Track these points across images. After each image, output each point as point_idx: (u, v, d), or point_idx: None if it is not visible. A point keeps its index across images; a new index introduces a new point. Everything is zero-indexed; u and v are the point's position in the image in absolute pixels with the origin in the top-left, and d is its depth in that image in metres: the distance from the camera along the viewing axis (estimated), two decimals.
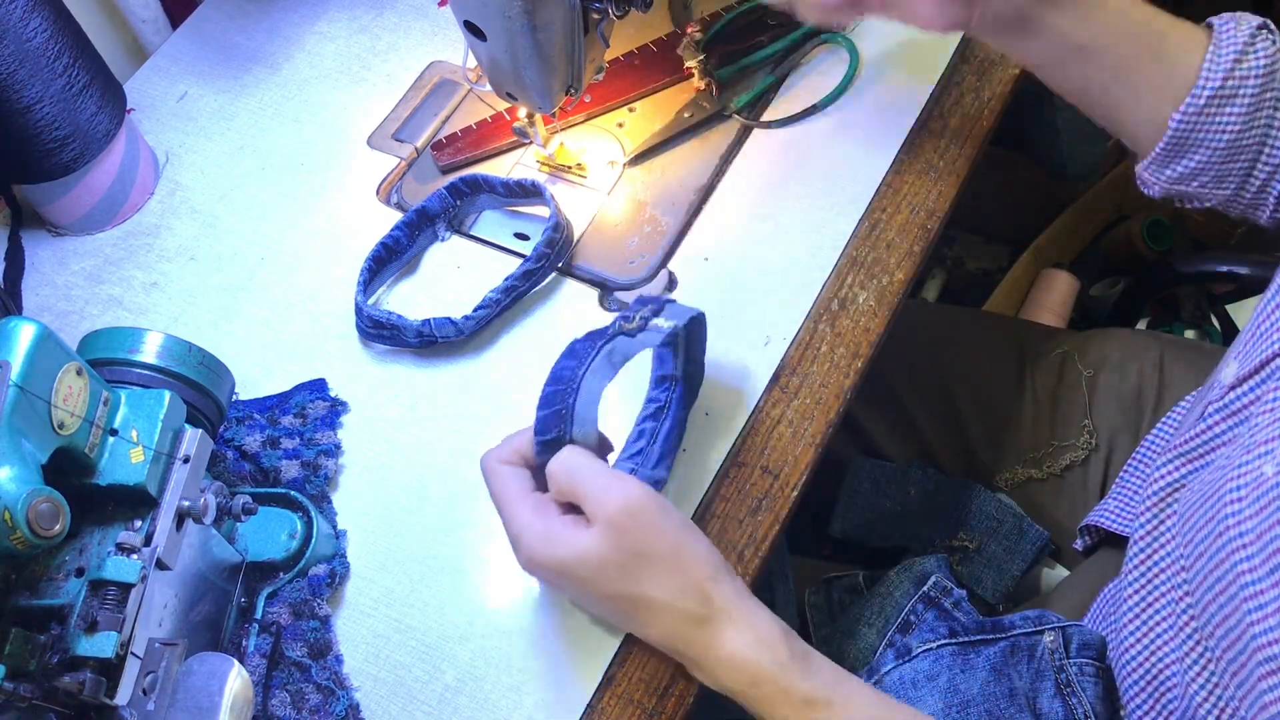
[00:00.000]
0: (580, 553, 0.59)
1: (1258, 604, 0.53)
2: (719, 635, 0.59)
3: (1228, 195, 0.74)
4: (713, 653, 0.59)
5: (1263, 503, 0.53)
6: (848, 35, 0.89)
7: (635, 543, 0.58)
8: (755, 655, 0.58)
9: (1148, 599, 0.66)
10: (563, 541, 0.59)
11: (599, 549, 0.58)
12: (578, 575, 0.59)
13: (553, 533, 0.59)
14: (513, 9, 0.67)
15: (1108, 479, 0.90)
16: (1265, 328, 0.63)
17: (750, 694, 0.58)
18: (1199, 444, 0.66)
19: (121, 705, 0.52)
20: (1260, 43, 0.68)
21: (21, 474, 0.49)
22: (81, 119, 0.78)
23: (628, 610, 0.60)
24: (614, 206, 0.84)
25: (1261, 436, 0.56)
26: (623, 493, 0.59)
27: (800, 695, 0.58)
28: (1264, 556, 0.52)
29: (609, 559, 0.58)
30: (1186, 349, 0.97)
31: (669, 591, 0.59)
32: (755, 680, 0.58)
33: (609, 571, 0.59)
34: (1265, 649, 0.52)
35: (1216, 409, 0.65)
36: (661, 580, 0.59)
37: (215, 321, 0.80)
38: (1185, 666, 0.61)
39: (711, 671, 0.60)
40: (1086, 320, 1.54)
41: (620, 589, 0.59)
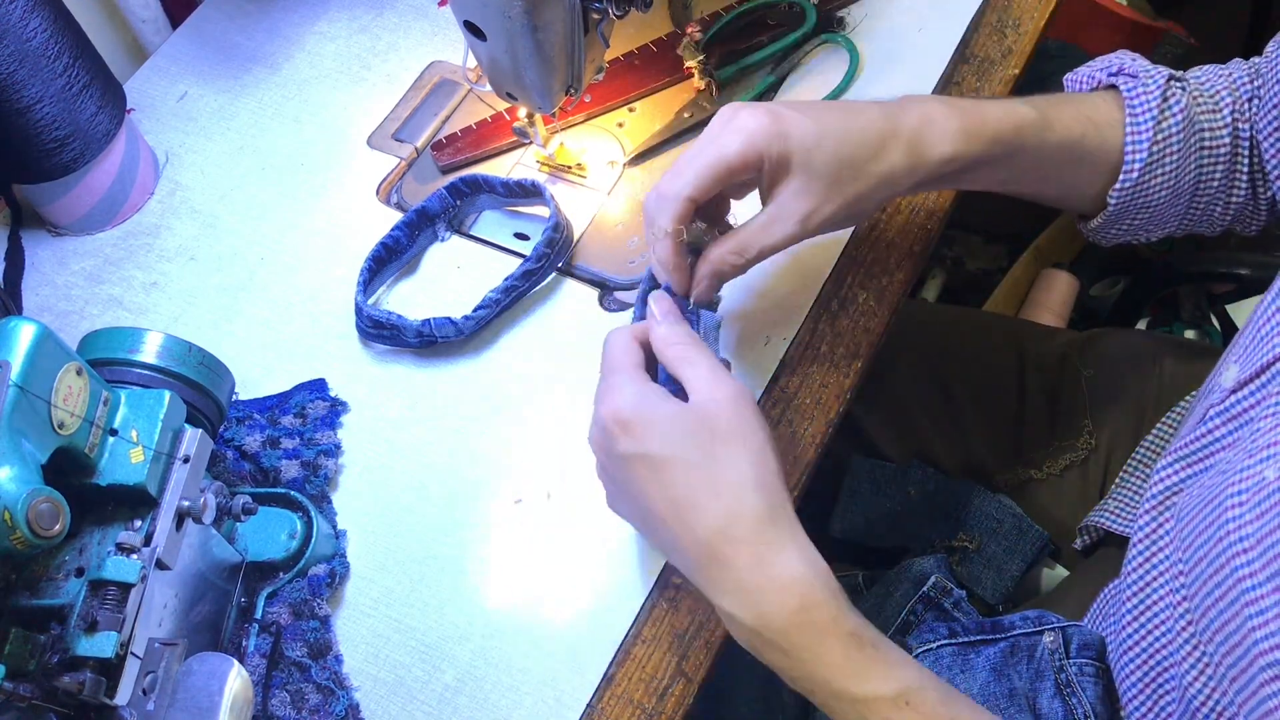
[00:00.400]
0: (673, 413, 0.58)
1: (1258, 609, 0.52)
2: (776, 545, 0.56)
3: (1171, 229, 0.76)
4: (765, 566, 0.56)
5: (1264, 507, 0.53)
6: (848, 35, 0.89)
7: (734, 424, 0.57)
8: (811, 576, 0.55)
9: (1146, 601, 0.66)
10: (658, 402, 0.58)
11: (695, 416, 0.57)
12: (657, 434, 0.57)
13: (649, 393, 0.59)
14: (513, 9, 0.67)
15: (1108, 479, 0.90)
16: (1266, 331, 0.63)
17: (794, 621, 0.55)
18: (1199, 447, 0.66)
19: (121, 705, 0.52)
20: (1172, 98, 0.69)
21: (21, 474, 0.49)
22: (81, 119, 0.78)
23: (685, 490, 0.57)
24: (614, 206, 0.84)
25: (1263, 441, 0.56)
26: (731, 383, 0.59)
27: (848, 628, 0.55)
28: (1265, 561, 0.52)
29: (700, 427, 0.57)
30: (1186, 349, 0.97)
31: (745, 479, 0.57)
32: (805, 605, 0.55)
33: (695, 437, 0.57)
34: (1267, 654, 0.52)
35: (1217, 412, 0.65)
36: (742, 467, 0.57)
37: (215, 321, 0.80)
38: (1183, 670, 0.61)
39: (756, 591, 0.55)
40: (1086, 320, 1.54)
41: (695, 457, 0.57)
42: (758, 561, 0.56)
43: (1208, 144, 0.71)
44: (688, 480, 0.57)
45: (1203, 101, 0.71)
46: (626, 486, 0.60)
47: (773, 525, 0.56)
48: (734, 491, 0.56)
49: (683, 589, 0.67)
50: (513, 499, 0.71)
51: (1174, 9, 1.62)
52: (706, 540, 0.56)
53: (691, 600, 0.67)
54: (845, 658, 0.55)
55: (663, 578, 0.68)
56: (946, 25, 0.89)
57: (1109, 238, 0.75)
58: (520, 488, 0.72)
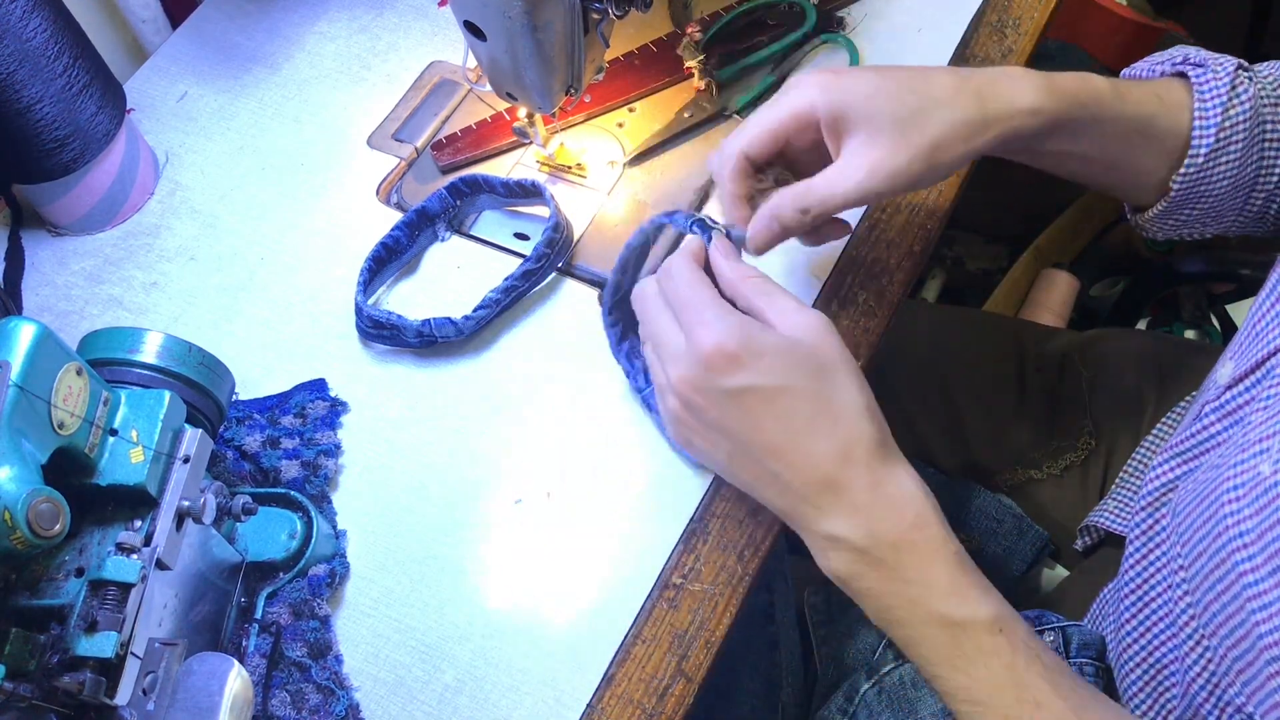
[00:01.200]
0: (780, 340, 0.57)
1: (1262, 604, 0.53)
2: (893, 467, 0.57)
3: (1226, 225, 0.74)
4: (883, 485, 0.56)
5: (1261, 502, 0.53)
6: (848, 35, 0.89)
7: (834, 351, 0.57)
8: (923, 495, 0.56)
9: (1145, 598, 0.66)
10: (763, 330, 0.57)
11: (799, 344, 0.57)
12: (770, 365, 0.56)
13: (750, 323, 0.58)
14: (513, 9, 0.67)
15: (1107, 479, 0.90)
16: (1261, 328, 0.63)
17: (907, 538, 0.55)
18: (1195, 444, 0.66)
19: (121, 705, 0.52)
20: (1240, 87, 0.68)
21: (21, 474, 0.49)
22: (81, 119, 0.78)
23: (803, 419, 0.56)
24: (614, 206, 0.84)
25: (1256, 435, 0.56)
26: (817, 312, 0.59)
27: (954, 548, 0.56)
28: (1265, 556, 0.52)
29: (809, 355, 0.57)
30: (1186, 349, 0.97)
31: (859, 405, 0.57)
32: (919, 522, 0.56)
33: (807, 364, 0.57)
34: (1272, 648, 0.52)
35: (1212, 409, 0.65)
36: (853, 392, 0.57)
37: (215, 321, 0.80)
38: (1186, 665, 0.61)
39: (872, 509, 0.56)
40: (1086, 320, 1.54)
41: (810, 386, 0.56)
42: (876, 482, 0.56)
43: (1270, 136, 0.69)
44: (805, 409, 0.57)
45: (1268, 95, 0.69)
46: (730, 423, 0.59)
47: (885, 446, 0.58)
48: (850, 416, 0.57)
49: (683, 589, 0.67)
50: (513, 499, 0.71)
51: (1174, 9, 1.62)
52: (825, 467, 0.57)
53: (691, 600, 0.67)
54: (950, 578, 0.56)
55: (662, 578, 0.68)
56: (946, 25, 0.89)
57: (1165, 229, 0.74)
58: (520, 488, 0.72)
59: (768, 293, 0.60)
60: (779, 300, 0.60)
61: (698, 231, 0.65)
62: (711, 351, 0.57)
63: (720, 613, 0.66)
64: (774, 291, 0.60)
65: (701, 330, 0.58)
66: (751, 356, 0.57)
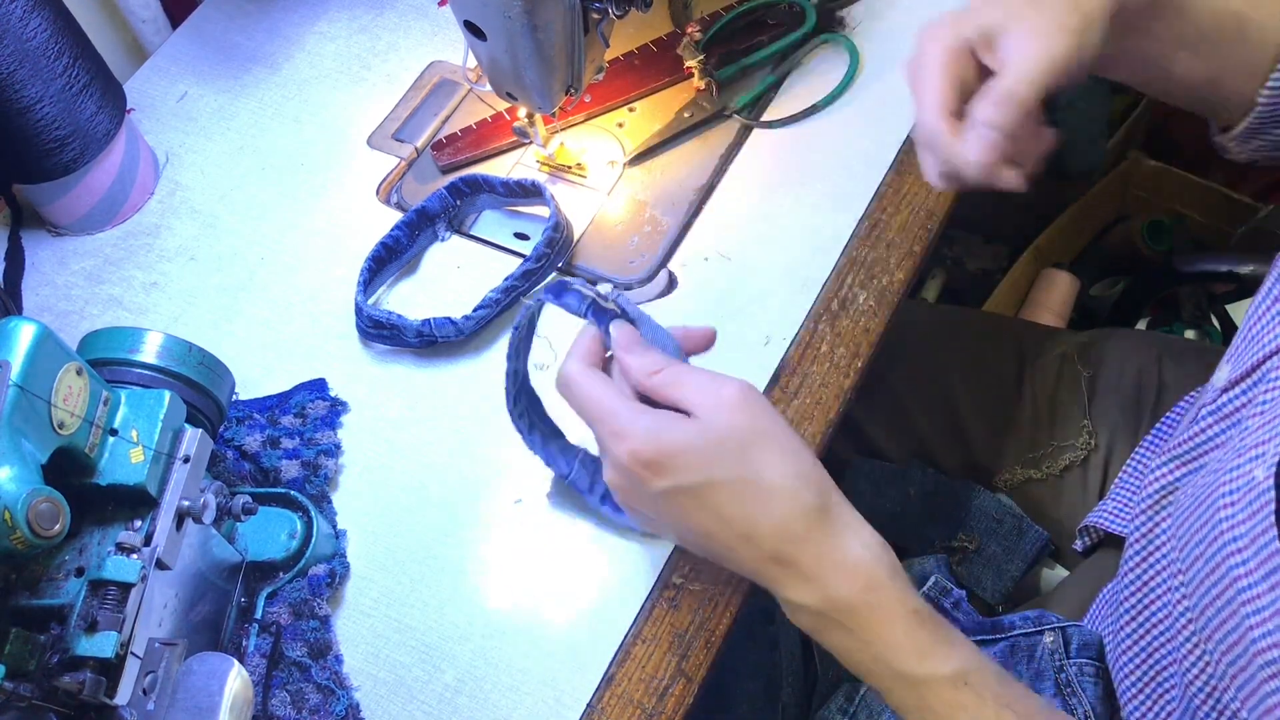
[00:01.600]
0: (694, 435, 0.56)
1: (1255, 608, 0.53)
2: (837, 533, 0.56)
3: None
4: (828, 554, 0.55)
5: (1255, 507, 0.54)
6: (848, 35, 0.89)
7: (754, 423, 0.56)
8: (872, 557, 0.55)
9: (1144, 601, 0.66)
10: (675, 428, 0.56)
11: (715, 430, 0.55)
12: (689, 463, 0.55)
13: (661, 422, 0.56)
14: (513, 9, 0.67)
15: (1107, 479, 0.90)
16: (1256, 331, 0.63)
17: (862, 601, 0.55)
18: (1192, 447, 0.66)
19: (121, 705, 0.52)
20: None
21: (21, 474, 0.49)
22: (81, 119, 0.78)
23: (735, 508, 0.56)
24: (614, 206, 0.84)
25: (1252, 440, 0.56)
26: (732, 383, 0.57)
27: (911, 606, 0.55)
28: (1258, 561, 0.52)
29: (727, 439, 0.55)
30: (1186, 349, 0.97)
31: (788, 477, 0.56)
32: (871, 585, 0.55)
33: (726, 452, 0.55)
34: (1265, 653, 0.52)
35: (1209, 412, 0.65)
36: (781, 464, 0.56)
37: (215, 321, 0.80)
38: (1184, 669, 0.61)
39: (822, 578, 0.55)
40: (1086, 320, 1.54)
41: (734, 473, 0.55)
42: (820, 553, 0.56)
43: None
44: (734, 498, 0.56)
45: None
46: (669, 519, 0.59)
47: (827, 514, 0.56)
48: (783, 493, 0.56)
49: (683, 589, 0.67)
50: (513, 499, 0.71)
51: None
52: (766, 546, 0.56)
53: (692, 600, 0.67)
54: (908, 636, 0.55)
55: (662, 578, 0.68)
56: None
57: (1249, 150, 0.71)
58: (520, 488, 0.72)
59: (678, 383, 0.58)
60: (692, 385, 0.58)
61: (592, 319, 0.62)
62: (629, 462, 0.57)
63: (720, 613, 0.66)
64: (684, 379, 0.58)
65: (614, 442, 0.57)
66: (668, 458, 0.56)
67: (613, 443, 0.57)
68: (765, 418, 0.57)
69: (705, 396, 0.57)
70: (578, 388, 0.60)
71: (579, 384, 0.60)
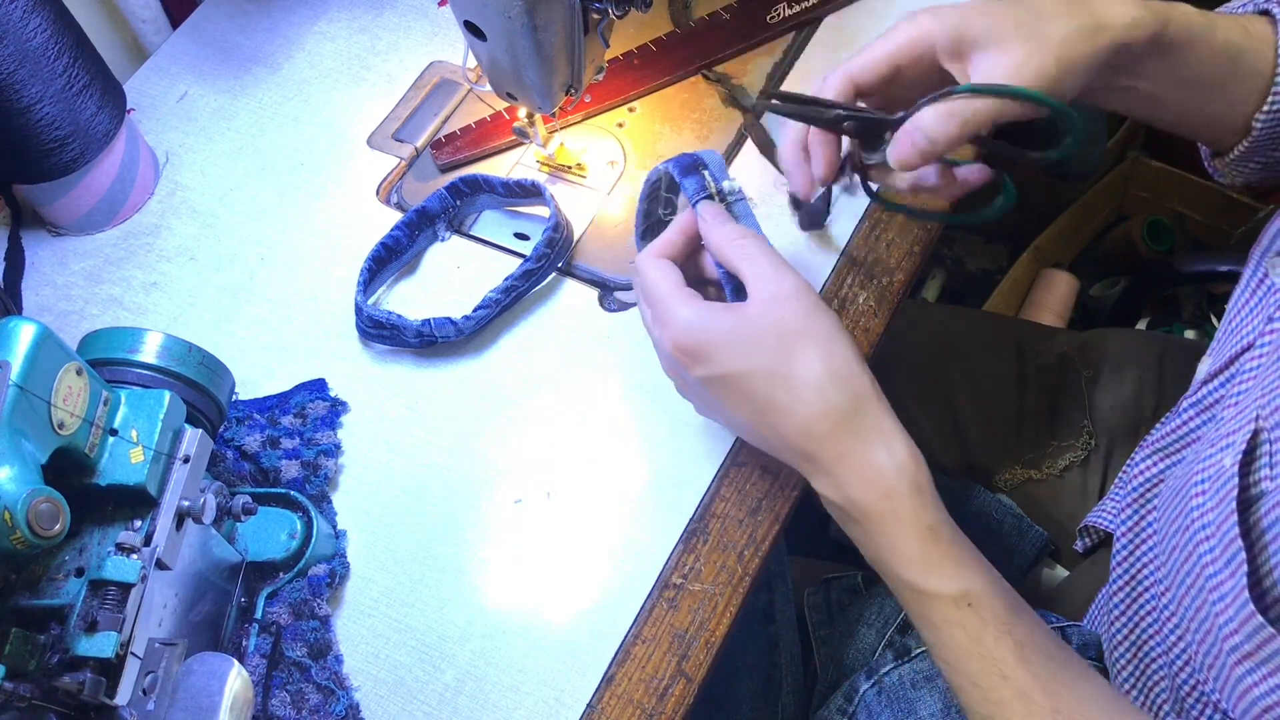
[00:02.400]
0: (732, 326, 0.58)
1: (1219, 595, 0.53)
2: (862, 438, 0.57)
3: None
4: (849, 457, 0.57)
5: (1221, 494, 0.54)
6: None
7: (800, 320, 0.57)
8: (894, 468, 0.56)
9: (1133, 594, 0.66)
10: (714, 319, 0.58)
11: (757, 322, 0.57)
12: (724, 353, 0.57)
13: (702, 313, 0.58)
14: (513, 9, 0.67)
15: (1107, 479, 0.91)
16: (1235, 324, 0.63)
17: (877, 508, 0.56)
18: (1174, 439, 0.67)
19: (121, 705, 0.51)
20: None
21: (21, 474, 0.49)
22: (81, 119, 0.78)
23: (764, 398, 0.58)
24: (614, 206, 0.84)
25: (1225, 430, 0.57)
26: (791, 277, 0.58)
27: (927, 522, 0.56)
28: (1222, 547, 0.53)
29: (765, 331, 0.57)
30: (1186, 349, 0.97)
31: (821, 375, 0.57)
32: (888, 494, 0.56)
33: (763, 344, 0.57)
34: (1230, 638, 0.52)
35: (1190, 404, 0.66)
36: (816, 362, 0.57)
37: (215, 321, 0.80)
38: (1170, 659, 0.61)
39: (840, 478, 0.57)
40: (1086, 320, 1.54)
41: (769, 365, 0.57)
42: (842, 454, 0.57)
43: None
44: (765, 389, 0.58)
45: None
46: (710, 403, 0.62)
47: (855, 417, 0.57)
48: (812, 389, 0.57)
49: (683, 589, 0.67)
50: (513, 499, 0.71)
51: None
52: (793, 440, 0.58)
53: (691, 600, 0.67)
54: (919, 550, 0.56)
55: (662, 578, 0.68)
56: None
57: (1244, 173, 0.72)
58: (520, 488, 0.72)
59: (748, 258, 0.60)
60: (759, 266, 0.60)
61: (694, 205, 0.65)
62: (672, 350, 0.60)
63: (720, 613, 0.66)
64: (755, 256, 0.60)
65: (659, 330, 0.61)
66: (705, 348, 0.58)
67: (658, 330, 0.60)
68: (814, 316, 0.58)
69: (764, 283, 0.59)
70: (642, 274, 0.62)
71: (643, 270, 0.63)
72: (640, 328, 0.77)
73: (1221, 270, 1.21)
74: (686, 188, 0.66)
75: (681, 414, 0.73)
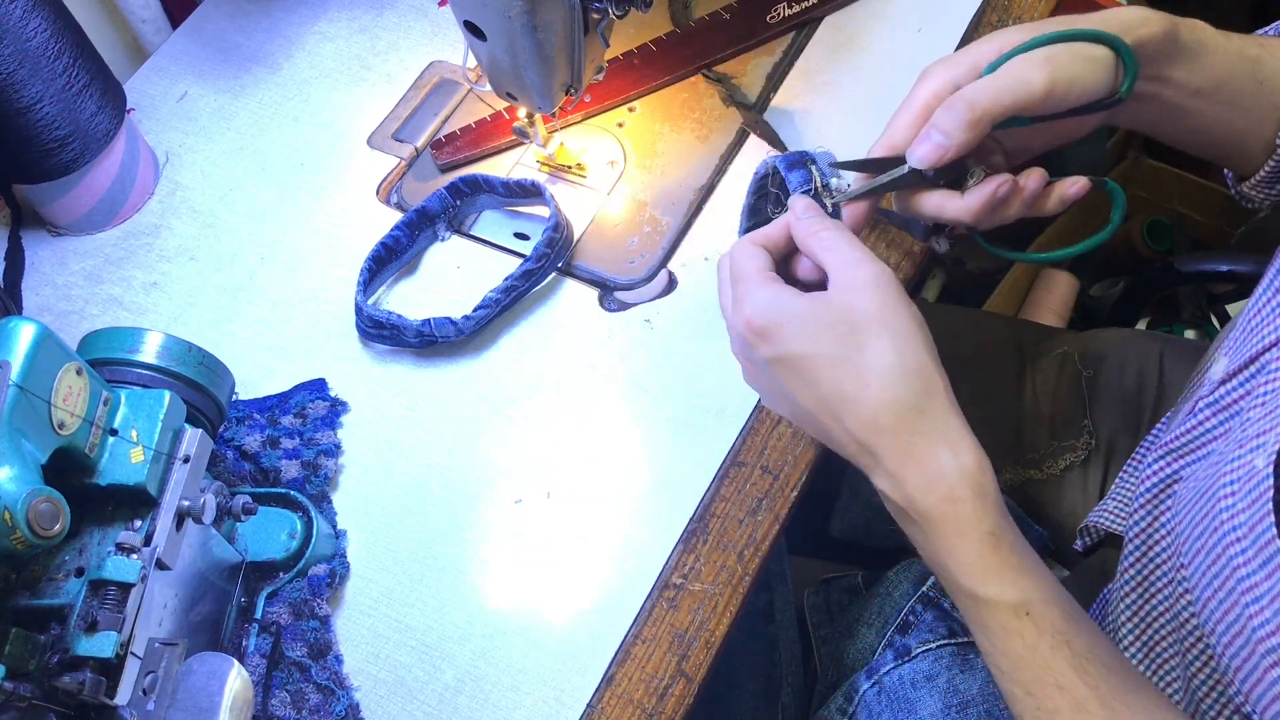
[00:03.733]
0: (805, 309, 0.57)
1: (1254, 597, 0.53)
2: (927, 436, 0.56)
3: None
4: (912, 455, 0.56)
5: (1254, 495, 0.54)
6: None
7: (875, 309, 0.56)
8: (958, 470, 0.55)
9: (1144, 596, 0.66)
10: (788, 301, 0.57)
11: (831, 308, 0.57)
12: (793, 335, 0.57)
13: (778, 295, 0.58)
14: (513, 9, 0.67)
15: (1107, 479, 0.90)
16: (1256, 323, 0.63)
17: (938, 511, 0.55)
18: (1189, 440, 0.66)
19: (121, 705, 0.52)
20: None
21: (21, 474, 0.49)
22: (81, 119, 0.78)
23: (830, 385, 0.57)
24: (614, 206, 0.84)
25: (1253, 430, 0.56)
26: (872, 266, 0.57)
27: (988, 527, 0.55)
28: (1256, 549, 0.53)
29: (838, 318, 0.56)
30: (1186, 349, 0.97)
31: (891, 368, 0.56)
32: (950, 497, 0.55)
33: (834, 330, 0.56)
34: (1266, 640, 0.52)
35: (1206, 404, 0.65)
36: (887, 354, 0.56)
37: (215, 321, 0.80)
38: (1187, 661, 0.61)
39: (901, 477, 0.56)
40: (1086, 320, 1.54)
41: (838, 351, 0.56)
42: (906, 452, 0.56)
43: None
44: (832, 375, 0.57)
45: None
46: (775, 388, 0.61)
47: (922, 414, 0.56)
48: (880, 381, 0.56)
49: (683, 589, 0.67)
50: (513, 499, 0.71)
51: (1174, 9, 1.62)
52: (856, 432, 0.57)
53: (691, 600, 0.67)
54: (978, 556, 0.55)
55: (662, 578, 0.68)
56: (946, 25, 0.89)
57: (1271, 196, 0.71)
58: (520, 488, 0.72)
59: (829, 247, 0.60)
60: (839, 255, 0.59)
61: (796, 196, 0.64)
62: (744, 327, 0.59)
63: (720, 613, 0.66)
64: (836, 245, 0.59)
65: (734, 310, 0.60)
66: (777, 327, 0.58)
67: (733, 310, 0.60)
68: (891, 306, 0.57)
69: (843, 271, 0.58)
70: (732, 255, 0.62)
71: (734, 252, 0.62)
72: (640, 328, 0.77)
73: (1221, 270, 1.21)
74: (791, 181, 0.64)
75: (681, 414, 0.73)
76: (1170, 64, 0.64)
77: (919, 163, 0.61)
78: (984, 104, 0.58)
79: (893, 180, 0.63)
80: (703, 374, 0.75)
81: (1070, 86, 0.59)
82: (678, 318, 0.78)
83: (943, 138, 0.59)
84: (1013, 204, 0.64)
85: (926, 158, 0.60)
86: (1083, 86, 0.59)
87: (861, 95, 0.87)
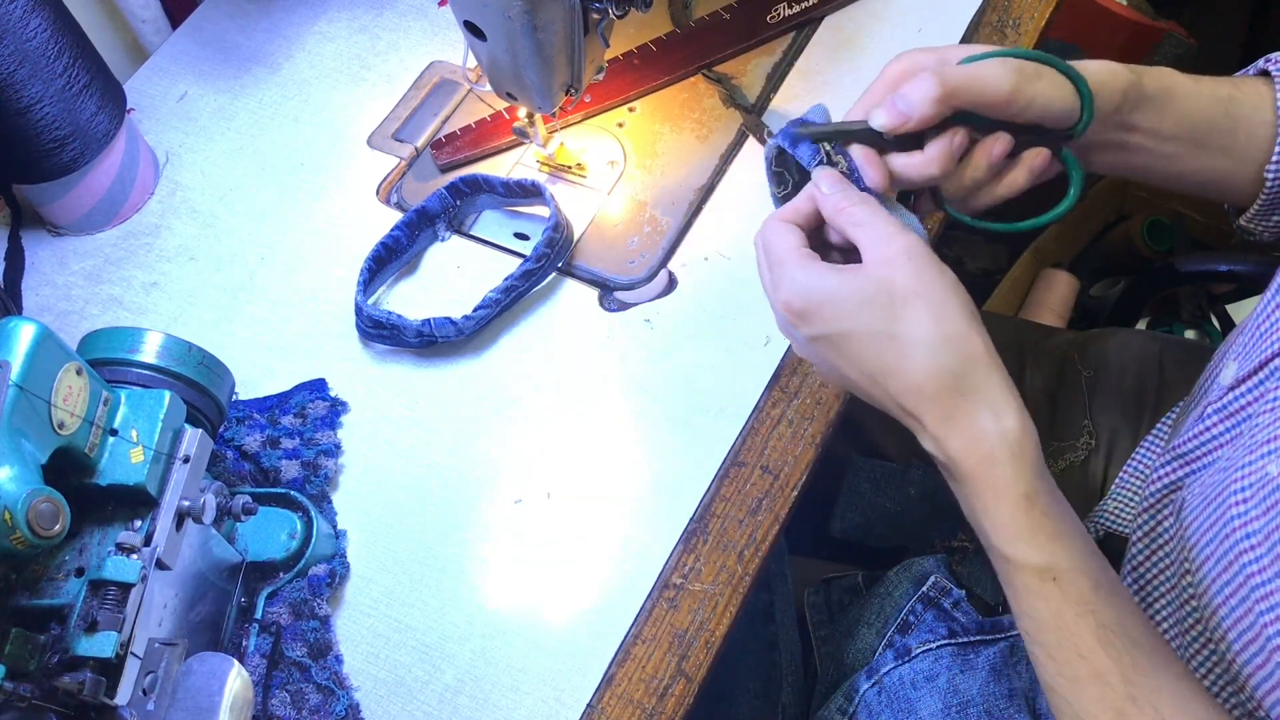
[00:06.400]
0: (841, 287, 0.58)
1: (1269, 604, 0.52)
2: (968, 400, 0.56)
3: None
4: (953, 418, 0.57)
5: (1269, 502, 0.53)
6: None
7: (911, 281, 0.57)
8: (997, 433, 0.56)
9: (1146, 599, 0.66)
10: (824, 281, 0.58)
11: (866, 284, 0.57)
12: (832, 314, 0.58)
13: (813, 275, 0.59)
14: (513, 9, 0.67)
15: (1108, 479, 0.90)
16: (1265, 328, 0.63)
17: (975, 472, 0.56)
18: (1197, 445, 0.66)
19: (121, 705, 0.52)
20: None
21: (21, 474, 0.49)
22: (81, 119, 0.78)
23: (870, 359, 0.58)
24: (614, 206, 0.84)
25: (1264, 436, 0.56)
26: (904, 238, 0.58)
27: (1024, 490, 0.55)
28: (1272, 556, 0.52)
29: (874, 293, 0.57)
30: (1186, 349, 0.97)
31: (931, 336, 0.56)
32: (988, 459, 0.56)
33: (872, 305, 0.57)
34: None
35: (1215, 409, 0.65)
36: (926, 323, 0.56)
37: (215, 321, 0.80)
38: (1192, 667, 0.61)
39: (943, 438, 0.57)
40: (1086, 320, 1.54)
41: (876, 326, 0.57)
42: (946, 416, 0.57)
43: None
44: (873, 349, 0.58)
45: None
46: (822, 361, 0.62)
47: (963, 379, 0.57)
48: (922, 349, 0.57)
49: (683, 589, 0.67)
50: (513, 499, 0.71)
51: (1174, 9, 1.62)
52: (900, 399, 0.58)
53: (691, 600, 0.67)
54: (1010, 517, 0.56)
55: (662, 578, 0.68)
56: (946, 25, 0.89)
57: (1271, 227, 0.72)
58: (520, 488, 0.72)
59: (858, 223, 0.60)
60: (870, 231, 0.59)
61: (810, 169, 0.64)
62: (783, 309, 0.60)
63: (720, 613, 0.67)
64: (866, 220, 0.60)
65: (773, 292, 0.61)
66: (814, 309, 0.59)
67: (772, 292, 0.61)
68: (926, 277, 0.58)
69: (875, 246, 0.58)
70: (764, 237, 0.63)
71: (765, 233, 0.63)
72: (640, 328, 0.77)
73: (1221, 270, 1.21)
74: (801, 157, 0.64)
75: (681, 414, 0.73)
76: (1136, 111, 0.65)
77: (880, 126, 0.62)
78: (952, 84, 0.59)
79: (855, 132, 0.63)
80: (703, 374, 0.75)
81: (1033, 99, 0.60)
82: (678, 318, 0.78)
83: (905, 106, 0.60)
84: (979, 164, 0.64)
85: (889, 123, 0.61)
86: (1044, 103, 0.60)
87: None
